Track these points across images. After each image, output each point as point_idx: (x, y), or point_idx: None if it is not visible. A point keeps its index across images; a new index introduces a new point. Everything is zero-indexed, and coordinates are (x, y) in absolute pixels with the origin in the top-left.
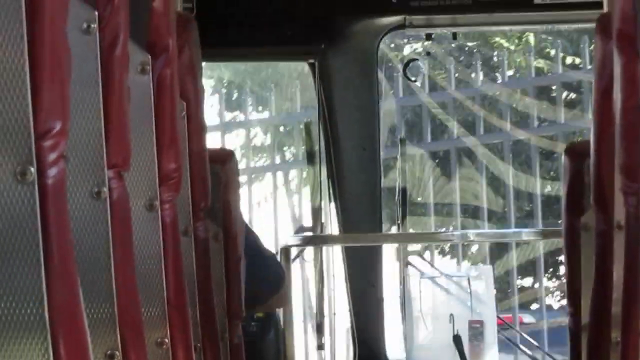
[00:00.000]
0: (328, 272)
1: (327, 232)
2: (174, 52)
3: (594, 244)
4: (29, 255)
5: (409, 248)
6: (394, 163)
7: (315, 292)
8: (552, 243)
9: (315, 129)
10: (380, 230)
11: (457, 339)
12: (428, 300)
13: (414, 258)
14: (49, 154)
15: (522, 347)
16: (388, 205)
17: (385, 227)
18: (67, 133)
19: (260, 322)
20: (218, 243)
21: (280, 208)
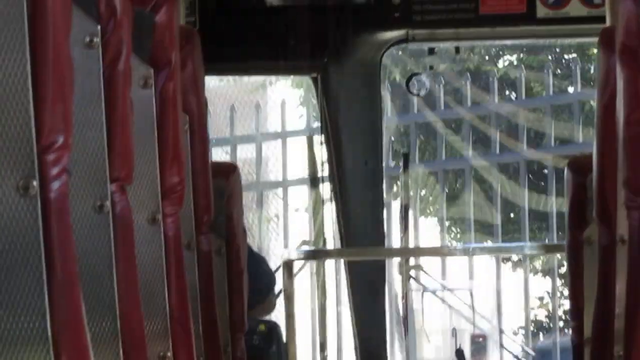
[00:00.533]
0: (338, 287)
1: (329, 246)
2: (177, 66)
3: (597, 258)
4: (32, 269)
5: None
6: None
7: (318, 305)
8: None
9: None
10: (383, 245)
11: (459, 353)
12: (431, 314)
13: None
14: (52, 168)
15: None
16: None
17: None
18: (69, 147)
19: (263, 335)
20: (221, 257)
21: None
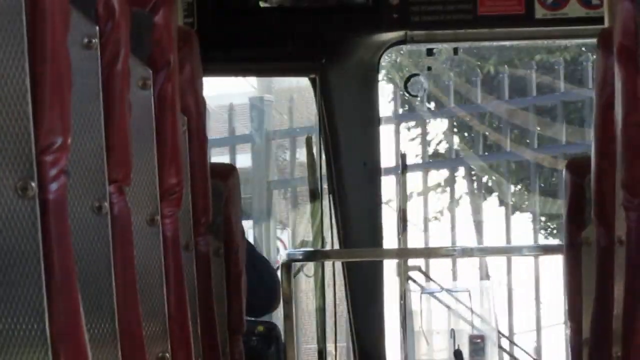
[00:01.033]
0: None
1: (327, 247)
2: (175, 66)
3: (595, 259)
4: (30, 270)
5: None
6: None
7: (316, 307)
8: None
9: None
10: (381, 246)
11: (457, 355)
12: (428, 315)
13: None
14: (50, 169)
15: None
16: None
17: None
18: (68, 148)
19: (262, 336)
20: (219, 258)
21: None
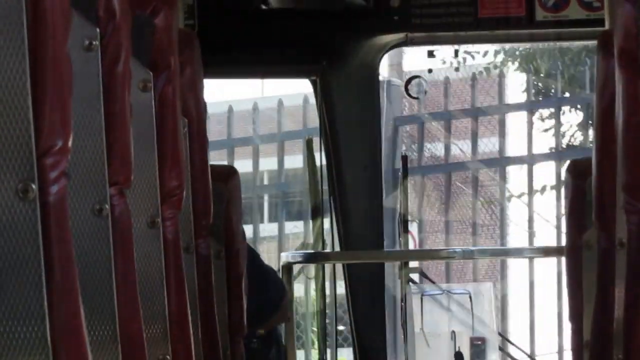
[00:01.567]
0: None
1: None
2: (176, 69)
3: (596, 262)
4: (31, 273)
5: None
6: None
7: (317, 309)
8: None
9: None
10: (382, 248)
11: (458, 356)
12: (429, 318)
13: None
14: (51, 171)
15: None
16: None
17: None
18: (68, 150)
19: (262, 339)
20: (220, 260)
21: None
